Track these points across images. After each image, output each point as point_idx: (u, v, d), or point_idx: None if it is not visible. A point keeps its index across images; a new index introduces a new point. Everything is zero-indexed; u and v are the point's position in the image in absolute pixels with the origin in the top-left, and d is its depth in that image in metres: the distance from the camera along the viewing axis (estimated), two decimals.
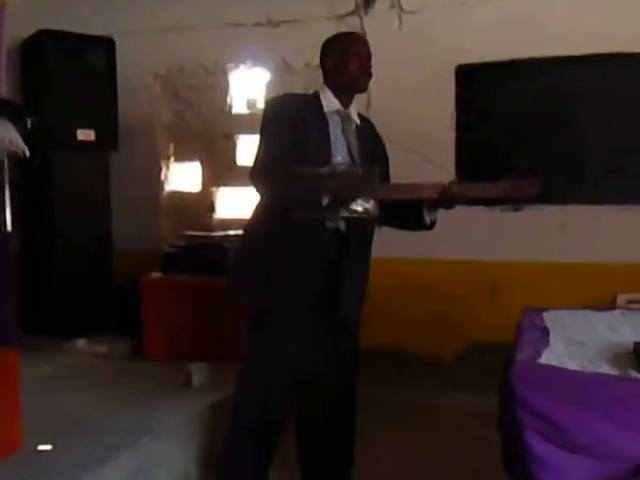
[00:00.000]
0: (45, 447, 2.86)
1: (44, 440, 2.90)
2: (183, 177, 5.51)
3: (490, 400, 2.40)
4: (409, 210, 2.77)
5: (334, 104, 2.82)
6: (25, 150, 3.34)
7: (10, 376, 2.79)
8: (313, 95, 2.86)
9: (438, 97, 4.72)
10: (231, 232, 4.68)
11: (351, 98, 2.87)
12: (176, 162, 5.53)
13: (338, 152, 2.78)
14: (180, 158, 5.52)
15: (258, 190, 2.71)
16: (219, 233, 4.79)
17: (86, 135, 4.85)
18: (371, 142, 2.93)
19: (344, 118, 2.83)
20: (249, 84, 5.24)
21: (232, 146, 5.34)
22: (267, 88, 5.16)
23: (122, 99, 5.08)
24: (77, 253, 4.86)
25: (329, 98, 2.82)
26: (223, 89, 5.32)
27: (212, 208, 5.30)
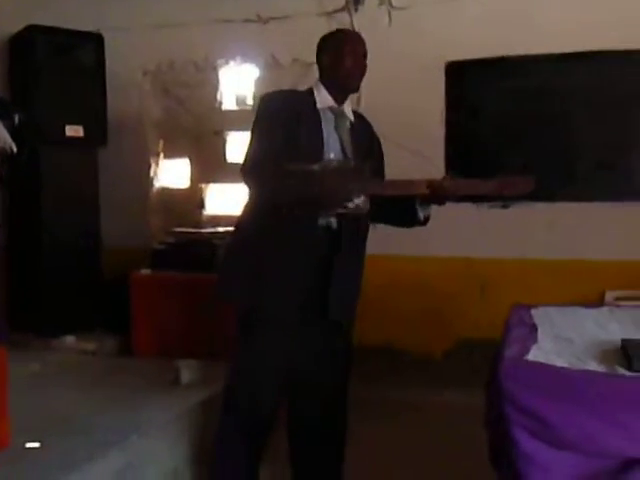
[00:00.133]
0: (33, 445, 2.85)
1: (32, 438, 2.89)
2: (172, 173, 5.50)
3: (479, 397, 2.40)
4: (402, 206, 2.76)
5: (328, 101, 2.81)
6: (12, 146, 3.32)
7: None
8: (307, 91, 2.85)
9: (428, 93, 4.72)
10: (221, 229, 4.68)
11: (345, 95, 2.85)
12: (165, 158, 5.51)
13: (331, 149, 2.77)
14: (169, 154, 5.51)
15: (249, 186, 2.71)
16: (209, 230, 4.79)
17: (75, 131, 4.83)
18: (366, 140, 2.91)
19: (338, 115, 2.82)
20: (239, 80, 5.23)
21: (222, 142, 5.34)
22: (256, 84, 5.15)
23: (111, 95, 5.06)
24: (65, 250, 4.83)
25: (323, 95, 2.81)
26: (213, 85, 5.30)
27: (202, 205, 5.29)
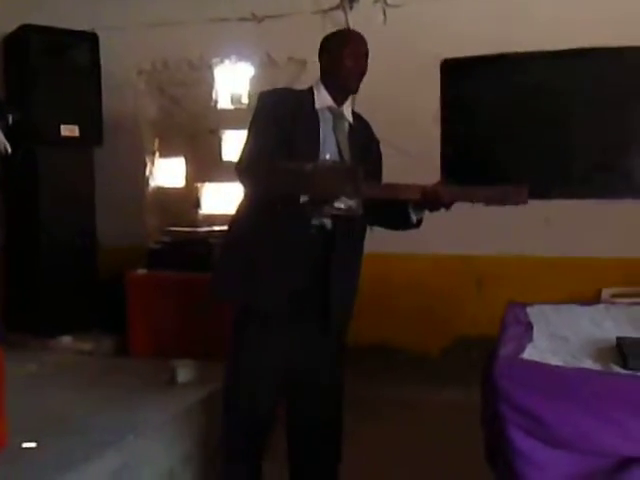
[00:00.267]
0: (29, 445, 2.84)
1: (28, 438, 2.88)
2: (168, 173, 5.49)
3: (477, 395, 2.41)
4: (395, 210, 2.74)
5: (327, 101, 2.78)
6: (7, 146, 3.31)
7: None
8: (307, 90, 2.83)
9: (423, 91, 4.72)
10: (216, 228, 4.67)
11: (345, 96, 2.83)
12: (161, 158, 5.51)
13: (327, 150, 2.75)
14: (165, 154, 5.50)
15: (243, 184, 2.70)
16: (204, 229, 4.78)
17: (70, 131, 4.82)
18: (364, 142, 2.89)
19: (336, 116, 2.80)
20: (234, 79, 5.22)
21: (217, 141, 5.33)
22: (252, 83, 5.15)
23: (106, 94, 5.05)
24: (61, 250, 4.83)
25: (322, 95, 2.79)
26: (208, 84, 5.30)
27: (197, 204, 5.28)
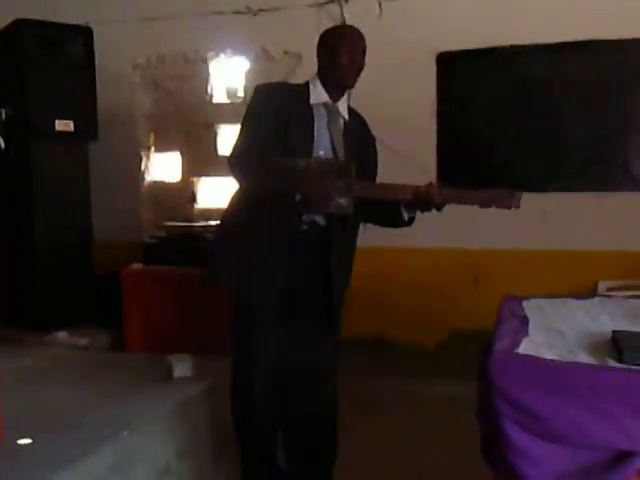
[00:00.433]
0: (25, 441, 2.83)
1: (24, 434, 2.86)
2: (163, 167, 5.46)
3: (473, 388, 2.40)
4: (387, 208, 2.75)
5: (322, 96, 2.78)
6: (0, 141, 3.31)
7: None
8: (303, 85, 2.83)
9: (419, 85, 4.72)
10: (212, 222, 4.64)
11: (341, 92, 2.83)
12: (156, 152, 5.47)
13: (321, 146, 2.75)
14: (160, 148, 5.47)
15: (235, 177, 2.71)
16: (200, 224, 4.76)
17: (65, 125, 4.79)
18: (359, 139, 2.89)
19: (331, 112, 2.80)
20: (229, 73, 5.19)
21: (213, 136, 5.29)
22: (247, 77, 5.11)
23: (101, 89, 5.02)
24: (57, 245, 4.82)
25: (318, 90, 2.79)
26: (203, 78, 5.26)
27: (193, 198, 5.25)
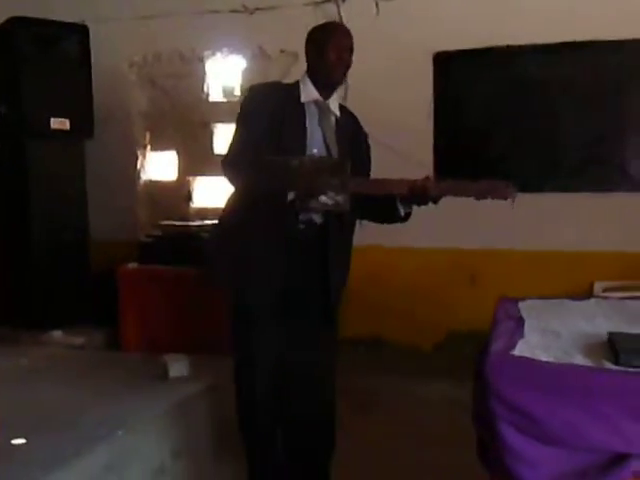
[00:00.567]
0: (19, 441, 2.82)
1: (18, 433, 2.86)
2: (160, 166, 5.46)
3: (469, 389, 2.39)
4: (383, 204, 2.74)
5: (312, 94, 2.78)
6: None
7: None
8: (293, 84, 2.83)
9: (416, 84, 4.71)
10: (208, 222, 4.63)
11: (331, 89, 2.82)
12: (152, 151, 5.47)
13: (314, 144, 2.75)
14: (156, 147, 5.47)
15: (228, 179, 2.70)
16: (196, 223, 4.75)
17: (60, 124, 4.78)
18: (351, 135, 2.89)
19: (322, 109, 2.80)
20: (225, 71, 5.19)
21: (209, 134, 5.29)
22: (243, 75, 5.11)
23: (97, 87, 5.01)
24: (52, 243, 4.81)
25: (308, 88, 2.79)
26: (199, 77, 5.26)
27: (189, 197, 5.25)
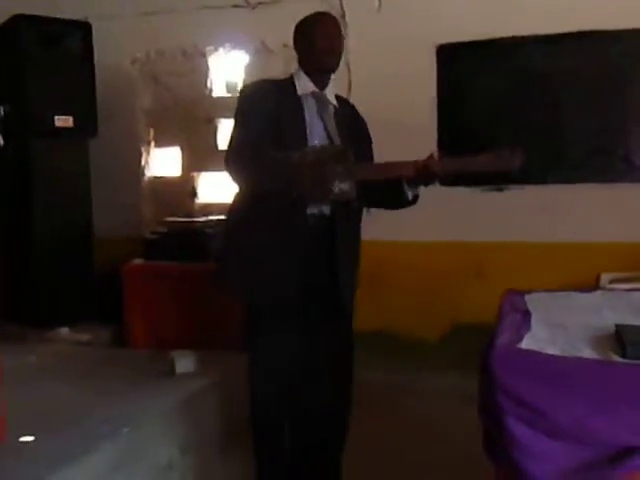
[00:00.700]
0: (27, 438, 2.83)
1: (26, 431, 2.87)
2: (164, 162, 5.45)
3: (475, 382, 2.39)
4: (390, 188, 2.74)
5: (308, 86, 2.79)
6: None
7: None
8: (287, 79, 2.84)
9: (419, 77, 4.69)
10: (213, 217, 4.64)
11: (326, 79, 2.83)
12: (156, 147, 5.47)
13: (315, 135, 2.75)
14: (160, 143, 5.46)
15: (232, 177, 2.69)
16: (201, 219, 4.74)
17: (64, 121, 4.77)
18: (351, 123, 2.89)
19: (319, 100, 2.81)
20: (228, 67, 5.18)
21: (213, 130, 5.29)
22: (246, 70, 5.10)
23: (100, 84, 5.00)
24: (57, 241, 4.80)
25: (303, 81, 2.80)
26: (202, 73, 5.25)
27: (194, 193, 5.25)
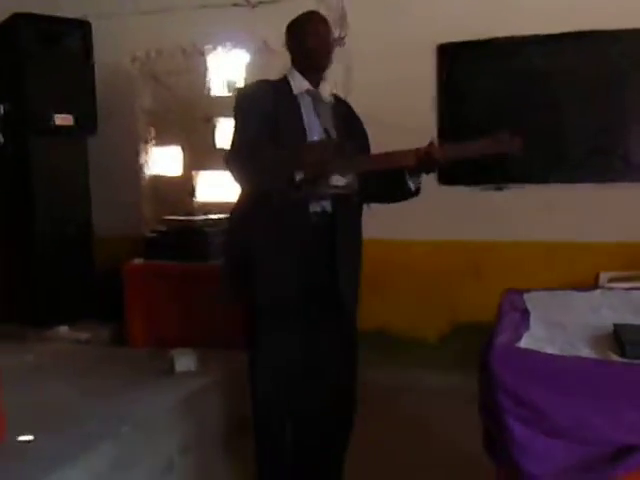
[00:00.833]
0: (27, 438, 2.83)
1: (25, 430, 2.87)
2: (163, 161, 5.45)
3: (474, 381, 2.39)
4: (392, 180, 2.76)
5: (303, 85, 2.81)
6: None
7: None
8: (282, 79, 2.86)
9: (419, 77, 4.68)
10: (212, 216, 4.64)
11: (320, 77, 2.85)
12: (156, 146, 5.47)
13: (314, 132, 2.77)
14: (160, 142, 5.46)
15: (233, 176, 2.70)
16: (200, 217, 4.74)
17: (64, 120, 4.78)
18: (347, 120, 2.92)
19: (315, 98, 2.83)
20: (228, 66, 5.18)
21: (212, 129, 5.28)
22: (247, 70, 5.10)
23: (100, 83, 5.01)
24: (57, 240, 4.82)
25: (297, 79, 2.82)
26: (202, 72, 5.25)
27: (193, 192, 5.25)
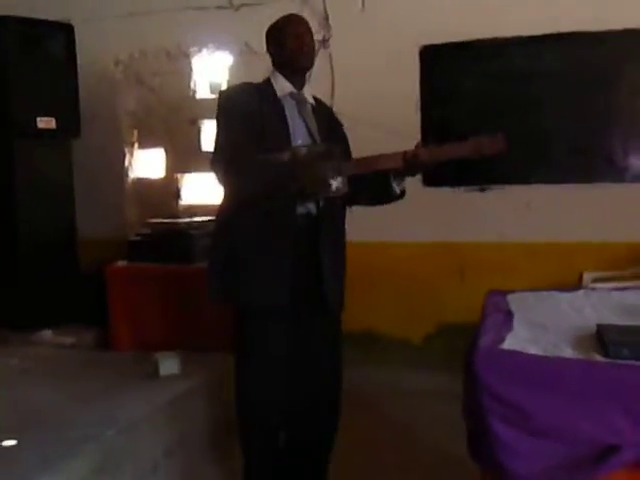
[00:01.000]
0: (10, 443, 2.82)
1: (8, 435, 2.85)
2: (147, 164, 5.44)
3: (459, 381, 2.40)
4: (376, 183, 2.76)
5: (286, 87, 2.82)
6: None
7: None
8: (265, 82, 2.86)
9: (402, 78, 4.69)
10: (197, 219, 4.64)
11: (302, 79, 2.86)
12: (140, 149, 5.45)
13: (298, 135, 2.77)
14: (144, 144, 5.45)
15: (220, 181, 2.69)
16: (185, 220, 4.73)
17: (47, 123, 4.75)
18: (329, 123, 2.93)
19: (299, 100, 2.83)
20: (212, 68, 5.17)
21: (197, 131, 5.28)
22: (230, 72, 5.09)
23: (83, 86, 4.98)
24: (41, 243, 4.78)
25: (280, 82, 2.83)
26: (186, 74, 5.25)
27: (177, 195, 5.24)
